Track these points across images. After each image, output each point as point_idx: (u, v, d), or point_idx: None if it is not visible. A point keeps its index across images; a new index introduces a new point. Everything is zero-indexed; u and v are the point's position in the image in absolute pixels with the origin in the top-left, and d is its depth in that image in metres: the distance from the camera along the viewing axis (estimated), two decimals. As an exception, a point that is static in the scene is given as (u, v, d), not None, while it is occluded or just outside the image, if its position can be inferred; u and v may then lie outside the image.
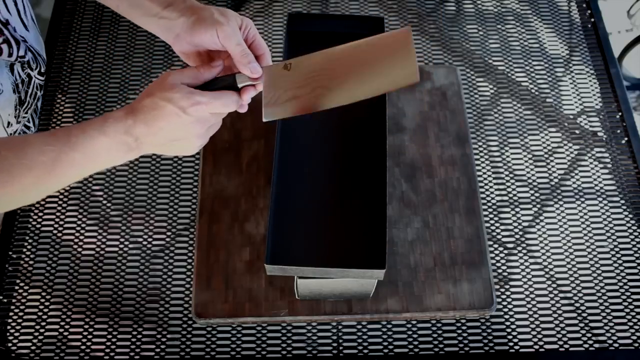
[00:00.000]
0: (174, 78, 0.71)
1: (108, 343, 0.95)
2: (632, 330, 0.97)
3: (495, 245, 1.04)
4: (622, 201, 1.08)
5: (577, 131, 1.15)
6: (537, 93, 1.19)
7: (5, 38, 0.80)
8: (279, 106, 0.76)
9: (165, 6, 0.77)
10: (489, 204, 1.07)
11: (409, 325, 0.97)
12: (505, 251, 1.03)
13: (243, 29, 0.76)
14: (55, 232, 1.04)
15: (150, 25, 0.80)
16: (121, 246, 1.03)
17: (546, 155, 1.12)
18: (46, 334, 0.96)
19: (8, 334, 0.96)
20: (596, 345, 0.96)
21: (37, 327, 0.97)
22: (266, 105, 0.76)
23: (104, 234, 1.04)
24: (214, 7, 0.78)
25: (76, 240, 1.03)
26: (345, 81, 0.76)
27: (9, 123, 0.86)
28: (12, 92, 0.84)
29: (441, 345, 0.95)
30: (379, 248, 0.83)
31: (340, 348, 0.95)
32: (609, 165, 1.11)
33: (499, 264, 1.02)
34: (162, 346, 0.95)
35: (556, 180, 1.10)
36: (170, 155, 0.80)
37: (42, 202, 1.06)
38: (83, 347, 0.95)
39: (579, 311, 0.98)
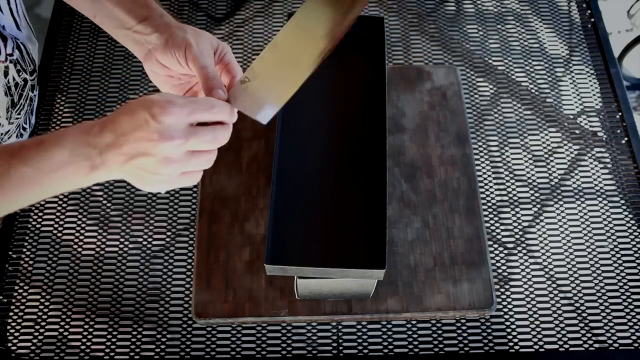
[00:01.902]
0: (163, 94, 0.62)
1: (108, 343, 0.95)
2: (632, 330, 0.97)
3: (495, 245, 1.04)
4: (622, 201, 1.08)
5: (577, 131, 1.15)
6: (537, 93, 1.19)
7: None
8: (263, 111, 0.70)
9: (140, 20, 0.75)
10: (489, 204, 1.07)
11: (409, 325, 0.97)
12: (505, 251, 1.03)
13: (218, 53, 0.72)
14: (55, 232, 1.04)
15: (125, 39, 0.77)
16: (121, 246, 1.03)
17: (546, 155, 1.12)
18: (46, 334, 0.96)
19: (8, 334, 0.96)
20: (596, 345, 0.96)
21: (37, 327, 0.97)
22: (253, 116, 0.71)
23: (104, 234, 1.04)
24: (190, 27, 0.74)
25: (76, 240, 1.03)
26: (305, 51, 0.71)
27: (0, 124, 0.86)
28: (3, 94, 0.84)
29: (441, 345, 0.95)
30: (378, 248, 0.83)
31: (340, 348, 0.95)
32: (609, 165, 1.11)
33: (499, 264, 1.02)
34: (162, 346, 0.95)
35: (556, 180, 1.10)
36: (135, 184, 0.66)
37: (42, 202, 1.06)
38: (83, 347, 0.95)
39: (579, 311, 0.98)
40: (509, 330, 0.97)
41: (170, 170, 0.63)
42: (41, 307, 0.98)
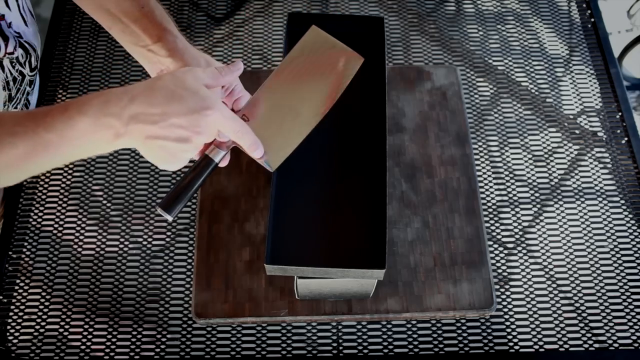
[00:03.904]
0: (196, 76, 0.66)
1: (108, 343, 0.95)
2: (632, 330, 0.97)
3: (495, 245, 1.04)
4: (622, 201, 1.08)
5: (577, 131, 1.15)
6: (537, 93, 1.19)
7: None
8: (267, 157, 0.77)
9: (156, 40, 0.76)
10: (489, 204, 1.07)
11: (409, 325, 0.97)
12: (505, 251, 1.03)
13: (226, 87, 0.77)
14: (55, 232, 1.04)
15: (138, 55, 0.79)
16: (121, 246, 1.03)
17: (546, 155, 1.12)
18: (46, 334, 0.96)
19: (8, 333, 0.96)
20: (596, 345, 0.96)
21: (37, 327, 0.97)
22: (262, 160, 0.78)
23: (104, 234, 1.04)
24: (203, 56, 0.77)
25: (76, 240, 1.03)
26: (304, 105, 0.78)
27: None
28: (2, 89, 0.84)
29: (441, 345, 0.95)
30: (379, 248, 0.83)
31: (340, 348, 0.95)
32: (609, 165, 1.11)
33: (499, 264, 1.02)
34: (162, 346, 0.95)
35: (556, 180, 1.10)
36: (147, 158, 0.68)
37: (42, 202, 1.06)
38: (83, 347, 0.95)
39: (579, 311, 0.98)
40: (509, 330, 0.97)
41: (189, 156, 0.68)
42: (41, 306, 0.98)
